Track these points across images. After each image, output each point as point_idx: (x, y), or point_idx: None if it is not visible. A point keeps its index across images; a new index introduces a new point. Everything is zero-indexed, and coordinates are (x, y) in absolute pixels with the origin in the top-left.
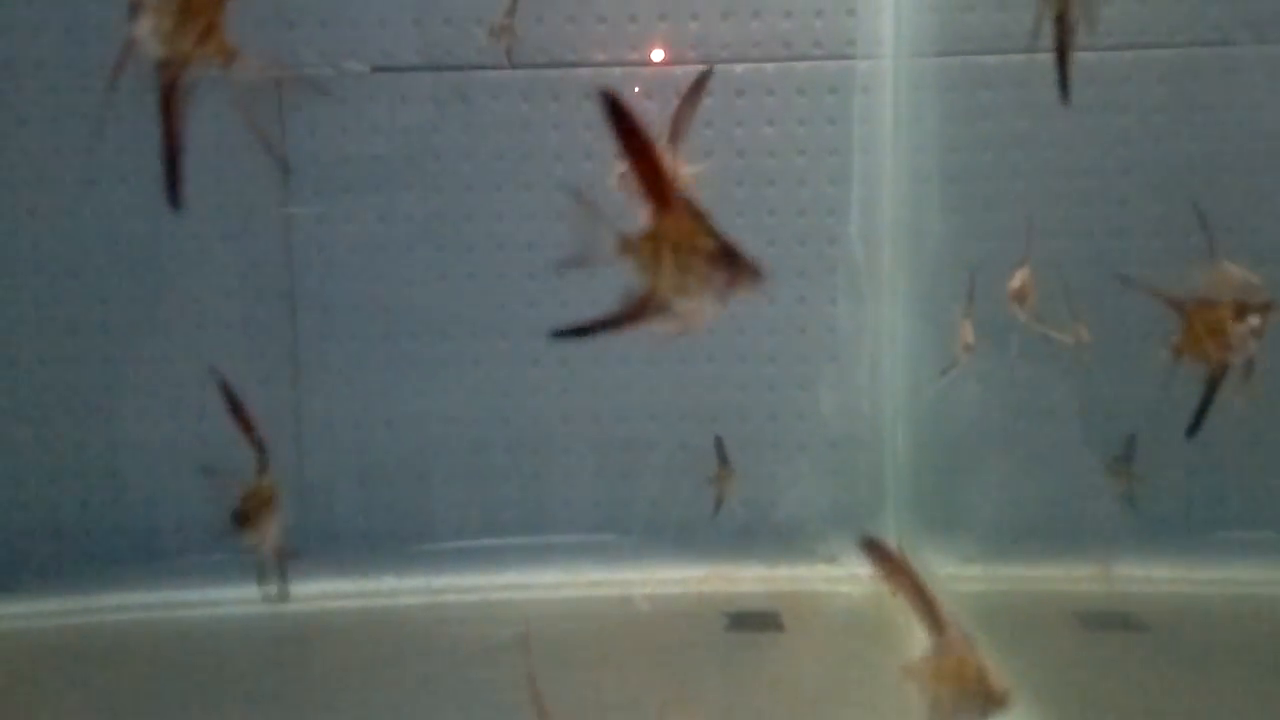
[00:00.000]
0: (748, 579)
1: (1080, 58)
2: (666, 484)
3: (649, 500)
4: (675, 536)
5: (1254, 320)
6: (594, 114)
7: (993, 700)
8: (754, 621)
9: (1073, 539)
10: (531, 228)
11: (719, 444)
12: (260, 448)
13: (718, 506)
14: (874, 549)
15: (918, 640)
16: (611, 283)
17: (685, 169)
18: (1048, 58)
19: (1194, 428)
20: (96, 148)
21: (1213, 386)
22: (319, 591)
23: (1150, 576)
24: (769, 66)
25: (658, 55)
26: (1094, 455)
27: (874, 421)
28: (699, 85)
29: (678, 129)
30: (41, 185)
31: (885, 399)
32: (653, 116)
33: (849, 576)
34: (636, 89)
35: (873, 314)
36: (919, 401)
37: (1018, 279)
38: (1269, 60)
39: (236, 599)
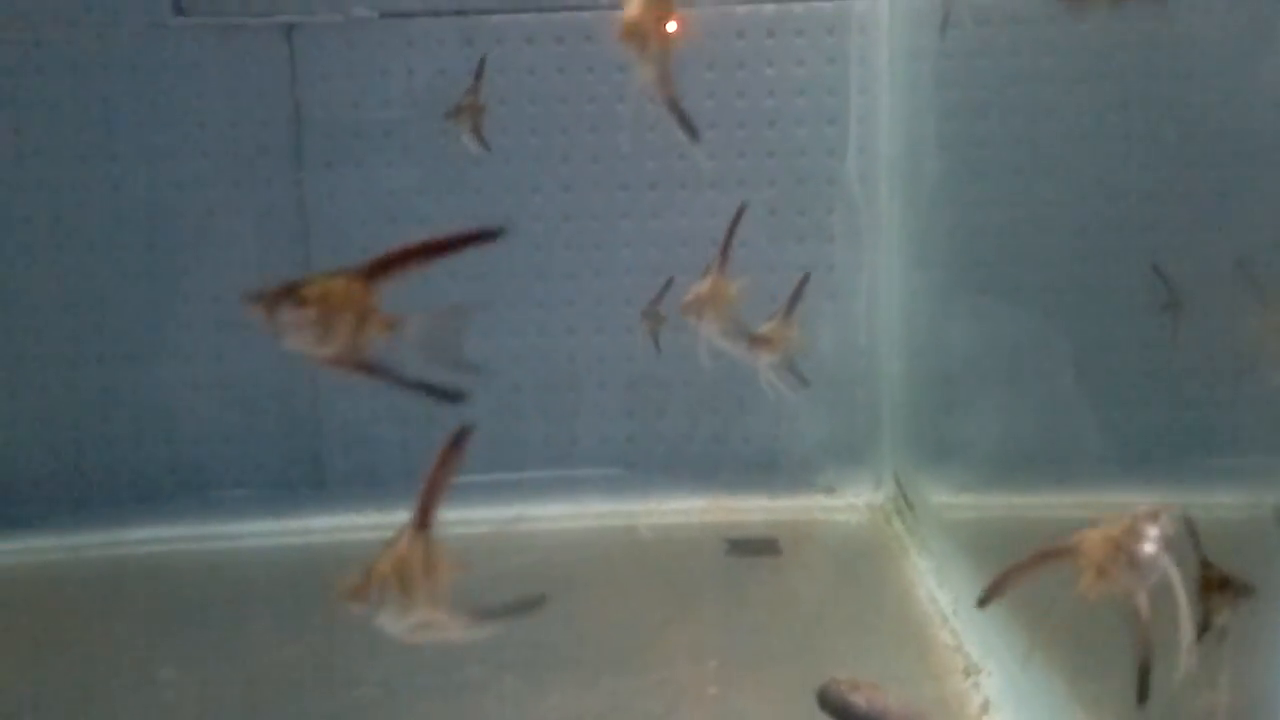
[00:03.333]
0: (748, 509)
1: None
2: (673, 421)
3: (656, 436)
4: (681, 470)
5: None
6: (597, 57)
7: None
8: (752, 547)
9: (1062, 468)
10: (537, 170)
11: (667, 284)
12: None
13: (656, 343)
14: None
15: (911, 564)
16: (627, 225)
17: None
18: None
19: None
20: (115, 97)
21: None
22: (335, 525)
23: (1138, 502)
24: (768, 8)
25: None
26: (1083, 389)
27: (871, 357)
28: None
29: None
30: (71, 142)
31: (882, 335)
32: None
33: (846, 506)
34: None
35: (870, 252)
36: (914, 336)
37: (696, 291)
38: None
39: (260, 532)
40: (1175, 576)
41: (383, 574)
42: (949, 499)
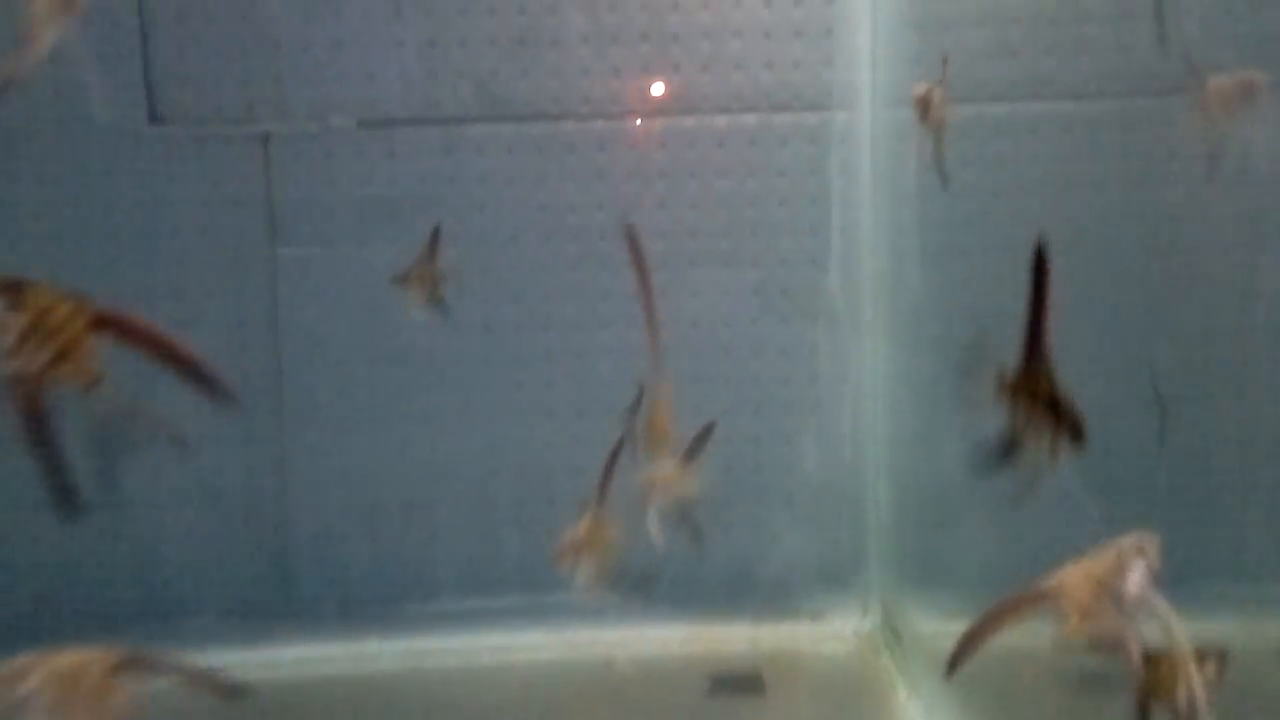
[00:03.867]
0: (730, 638)
1: (1060, 107)
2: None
3: (637, 557)
4: (661, 594)
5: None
6: (578, 167)
7: None
8: (735, 684)
9: None
10: (516, 279)
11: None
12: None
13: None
14: None
15: (900, 704)
16: (606, 336)
17: None
18: (1027, 106)
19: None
20: (87, 206)
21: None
22: (304, 656)
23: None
24: (750, 118)
25: (640, 107)
26: (1080, 507)
27: (856, 473)
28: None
29: None
30: (41, 251)
31: (867, 450)
32: (636, 168)
33: (832, 634)
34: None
35: (855, 365)
36: (901, 453)
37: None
38: None
39: (226, 664)
40: (1167, 611)
41: (48, 673)
42: (939, 627)
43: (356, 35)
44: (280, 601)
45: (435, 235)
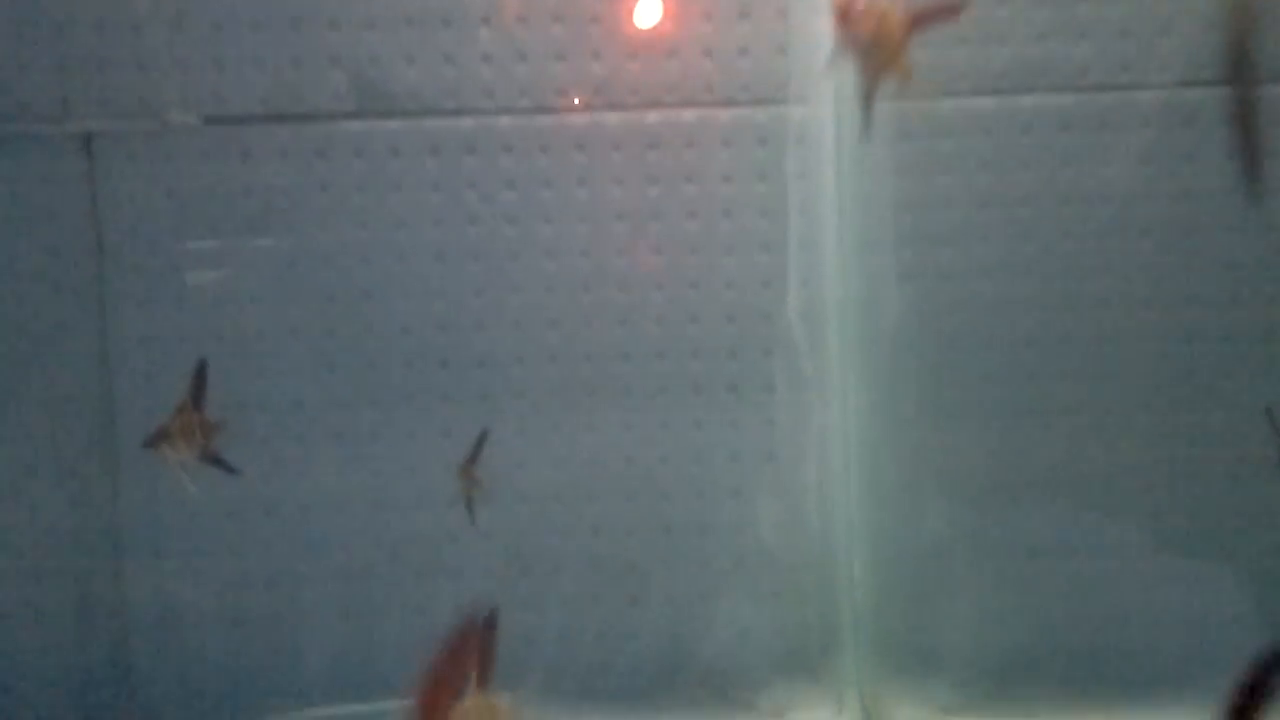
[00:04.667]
0: None
1: (1057, 100)
2: (573, 614)
3: (552, 636)
4: (581, 683)
5: None
6: (480, 172)
7: None
8: None
9: (1076, 681)
10: (406, 307)
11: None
12: None
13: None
14: None
15: None
16: (512, 369)
17: None
18: (1018, 100)
19: None
20: None
21: None
22: None
23: None
24: (687, 114)
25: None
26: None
27: (824, 536)
28: None
29: None
30: None
31: (838, 509)
32: (551, 174)
33: None
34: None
35: (819, 405)
36: (879, 511)
37: None
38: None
39: None
40: None
41: None
42: None
43: (202, 13)
44: (118, 704)
45: (200, 372)
